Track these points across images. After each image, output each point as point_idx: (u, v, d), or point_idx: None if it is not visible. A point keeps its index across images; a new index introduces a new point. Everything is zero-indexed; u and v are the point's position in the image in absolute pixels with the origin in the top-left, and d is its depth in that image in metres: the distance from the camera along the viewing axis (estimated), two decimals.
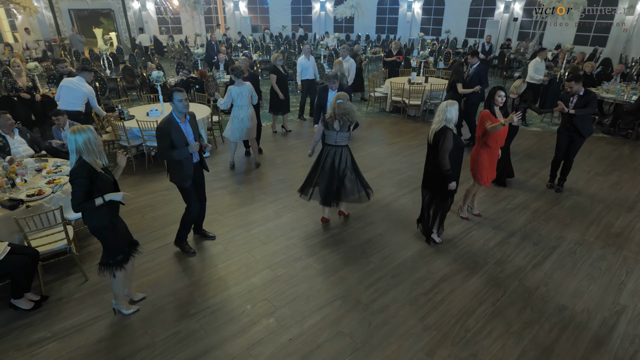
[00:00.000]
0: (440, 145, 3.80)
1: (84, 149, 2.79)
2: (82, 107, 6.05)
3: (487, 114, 4.35)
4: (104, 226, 3.04)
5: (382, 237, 4.46)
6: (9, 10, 15.27)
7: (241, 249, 4.26)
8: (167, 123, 3.67)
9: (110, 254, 3.11)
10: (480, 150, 4.44)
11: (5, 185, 4.02)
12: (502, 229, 4.61)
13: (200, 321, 3.30)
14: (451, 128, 3.74)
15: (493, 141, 4.35)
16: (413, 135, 7.91)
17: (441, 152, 3.79)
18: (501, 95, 4.37)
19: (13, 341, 3.13)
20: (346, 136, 4.26)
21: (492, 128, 4.18)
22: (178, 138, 3.68)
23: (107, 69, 11.06)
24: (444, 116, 3.76)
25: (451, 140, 3.74)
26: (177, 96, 3.63)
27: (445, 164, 3.80)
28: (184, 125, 3.75)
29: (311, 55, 8.42)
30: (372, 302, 3.50)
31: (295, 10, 21.98)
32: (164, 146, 3.67)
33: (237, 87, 5.80)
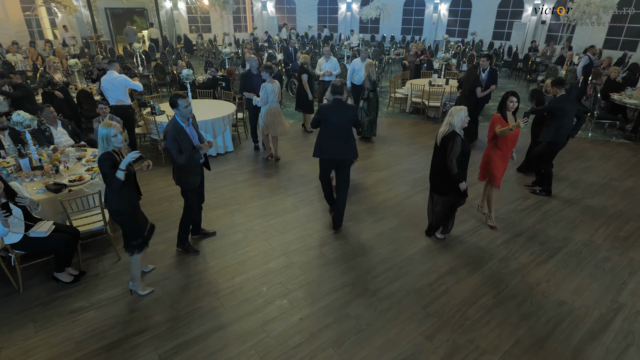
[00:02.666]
0: (448, 150, 3.96)
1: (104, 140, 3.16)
2: (127, 97, 6.44)
3: (498, 117, 4.47)
4: (124, 210, 3.38)
5: (393, 232, 4.68)
6: (50, 8, 16.21)
7: (260, 237, 4.57)
8: (173, 129, 3.71)
9: (130, 237, 3.46)
10: (491, 152, 4.55)
11: (50, 171, 4.46)
12: (511, 228, 4.74)
13: (220, 299, 3.62)
14: (459, 133, 3.90)
15: (504, 144, 4.46)
16: (431, 136, 8.04)
17: (449, 156, 3.94)
18: (513, 100, 4.45)
19: (56, 308, 3.53)
20: None
21: (501, 132, 4.32)
22: (185, 142, 3.76)
23: (140, 66, 11.66)
24: (452, 120, 3.93)
25: (460, 145, 3.89)
26: (183, 103, 3.68)
27: (453, 168, 3.95)
28: (189, 128, 3.82)
29: (331, 57, 8.63)
30: (379, 289, 3.73)
31: (321, 11, 22.27)
32: (175, 152, 3.74)
33: (271, 84, 6.11)
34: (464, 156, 3.97)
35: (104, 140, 3.17)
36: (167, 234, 4.61)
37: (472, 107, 6.95)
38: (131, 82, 6.44)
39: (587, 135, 8.01)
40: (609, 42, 14.45)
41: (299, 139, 7.93)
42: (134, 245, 3.47)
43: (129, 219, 3.41)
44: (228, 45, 17.79)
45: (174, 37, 19.61)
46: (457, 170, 3.95)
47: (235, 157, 7.01)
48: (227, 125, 7.01)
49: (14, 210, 3.35)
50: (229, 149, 7.22)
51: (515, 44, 16.37)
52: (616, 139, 7.71)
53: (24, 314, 3.46)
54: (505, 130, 4.29)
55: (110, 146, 3.21)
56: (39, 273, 3.95)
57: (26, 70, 11.44)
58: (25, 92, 6.57)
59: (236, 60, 15.39)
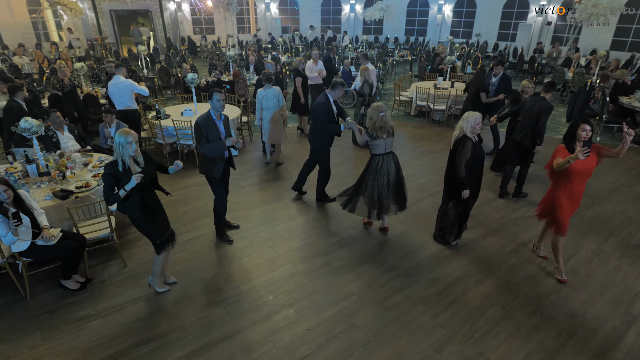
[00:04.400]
0: (457, 153, 3.95)
1: (118, 148, 3.21)
2: (134, 102, 6.46)
3: (561, 149, 3.62)
4: (139, 217, 3.42)
5: (400, 239, 4.64)
6: (55, 11, 16.28)
7: (265, 244, 4.55)
8: (205, 119, 4.09)
9: (153, 238, 3.53)
10: (555, 191, 3.78)
11: (57, 177, 4.46)
12: (519, 236, 4.69)
13: (227, 308, 3.60)
14: (470, 137, 3.87)
15: (567, 180, 3.63)
16: (436, 140, 8.00)
17: (457, 160, 3.92)
18: (586, 129, 3.53)
19: (63, 316, 3.52)
20: (391, 142, 4.35)
21: (558, 166, 3.52)
22: (213, 133, 4.10)
23: (144, 68, 11.68)
24: (463, 124, 3.90)
25: (469, 149, 3.86)
26: (217, 96, 4.06)
27: (460, 172, 3.92)
28: (219, 122, 4.17)
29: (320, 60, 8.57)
30: (386, 299, 3.70)
31: (325, 12, 22.26)
32: (202, 139, 4.09)
33: (264, 90, 6.13)
34: (474, 161, 3.93)
35: (119, 147, 3.19)
36: None
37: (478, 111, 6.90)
38: (137, 86, 6.44)
39: (595, 140, 7.93)
40: (617, 43, 14.33)
41: (296, 142, 7.87)
42: (159, 245, 3.53)
43: (142, 221, 3.44)
44: (232, 47, 17.81)
45: (177, 38, 19.65)
46: (465, 174, 3.92)
47: (239, 161, 6.99)
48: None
49: (24, 219, 3.34)
50: (233, 152, 7.17)
51: (520, 45, 16.27)
52: None
53: (31, 322, 3.46)
54: (562, 163, 3.46)
55: (125, 154, 3.21)
56: (45, 279, 3.94)
57: (32, 73, 11.51)
58: (31, 97, 6.59)
59: (240, 62, 15.40)
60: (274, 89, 6.16)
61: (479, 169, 4.05)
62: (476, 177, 4.08)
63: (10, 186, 3.31)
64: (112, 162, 3.24)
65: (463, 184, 3.97)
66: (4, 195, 3.22)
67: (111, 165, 3.24)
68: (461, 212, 4.26)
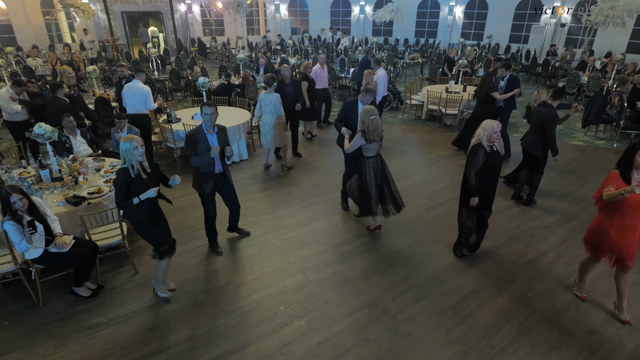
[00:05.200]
0: (468, 160, 3.90)
1: (125, 155, 3.22)
2: (146, 108, 6.47)
3: (614, 176, 3.20)
4: (145, 222, 3.45)
5: (412, 248, 4.57)
6: (68, 13, 16.46)
7: (276, 252, 4.51)
8: (196, 131, 3.97)
9: (157, 245, 3.54)
10: (603, 224, 3.32)
11: (70, 182, 4.47)
12: (535, 247, 4.59)
13: (237, 318, 3.57)
14: (485, 145, 3.79)
15: (619, 213, 3.18)
16: (448, 145, 7.89)
17: (467, 167, 3.91)
18: None
19: (74, 324, 3.52)
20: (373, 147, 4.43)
21: (608, 197, 3.13)
22: (203, 147, 3.93)
23: (155, 70, 11.74)
24: (479, 132, 3.82)
25: (480, 158, 3.80)
26: (206, 110, 3.88)
27: (470, 179, 3.89)
28: (211, 136, 3.98)
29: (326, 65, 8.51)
30: (400, 311, 3.63)
31: (334, 14, 22.21)
32: (190, 153, 3.96)
33: (267, 94, 6.14)
34: (487, 170, 3.85)
35: (126, 154, 3.20)
36: (182, 247, 4.57)
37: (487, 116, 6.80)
38: (151, 101, 6.46)
39: (612, 146, 7.78)
40: (633, 46, 14.05)
41: (311, 147, 7.85)
42: (162, 251, 3.55)
43: (148, 229, 3.46)
44: (241, 48, 17.83)
45: (188, 40, 19.74)
46: (474, 182, 3.87)
47: (249, 165, 6.98)
48: (242, 133, 6.98)
49: (38, 227, 3.35)
50: (243, 157, 7.19)
51: (533, 48, 16.05)
52: None
53: (44, 329, 3.46)
54: (615, 195, 3.06)
55: (133, 160, 3.23)
56: (57, 286, 3.95)
57: (45, 75, 11.63)
58: (43, 101, 6.63)
59: (249, 64, 15.41)
60: (273, 95, 6.14)
61: (493, 179, 3.97)
62: (491, 187, 4.00)
63: (25, 194, 3.31)
64: (124, 168, 3.24)
65: (472, 191, 3.92)
66: (20, 204, 3.23)
67: (123, 172, 3.24)
68: (477, 224, 4.17)
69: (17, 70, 11.11)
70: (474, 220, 4.18)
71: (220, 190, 4.33)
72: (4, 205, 3.24)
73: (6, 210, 3.25)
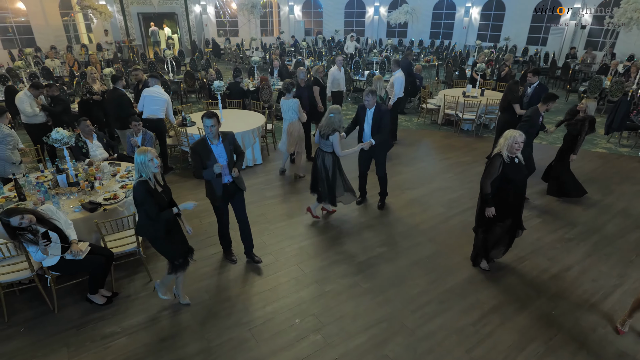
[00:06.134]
0: (485, 169, 3.80)
1: (139, 169, 3.13)
2: (163, 114, 6.47)
3: None
4: (160, 236, 3.37)
5: (430, 260, 4.45)
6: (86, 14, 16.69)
7: (291, 261, 4.44)
8: (198, 144, 3.81)
9: (172, 258, 3.46)
10: None
11: (86, 188, 4.47)
12: (558, 261, 4.43)
13: (252, 330, 3.50)
14: (505, 156, 3.65)
15: None
16: (465, 151, 7.73)
17: (483, 175, 3.81)
18: None
19: (89, 332, 3.50)
20: (328, 144, 4.73)
21: None
22: (207, 159, 3.78)
23: (170, 72, 11.78)
24: (502, 141, 3.69)
25: (497, 168, 3.68)
26: (207, 122, 3.68)
27: (485, 188, 3.79)
28: (215, 147, 3.81)
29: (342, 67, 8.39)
30: (418, 327, 3.52)
31: (348, 15, 22.08)
32: (195, 165, 3.85)
33: (285, 100, 6.11)
34: (505, 182, 3.71)
35: (142, 166, 3.13)
36: (196, 254, 4.45)
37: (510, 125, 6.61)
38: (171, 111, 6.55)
39: (636, 154, 7.52)
40: None
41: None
42: (176, 266, 3.46)
43: (163, 241, 3.39)
44: (255, 49, 17.84)
45: (202, 41, 19.84)
46: (490, 192, 3.76)
47: (264, 170, 6.92)
48: (257, 137, 6.93)
49: (52, 236, 3.33)
50: (257, 161, 7.14)
51: (552, 50, 15.70)
52: None
53: (58, 337, 3.45)
54: None
55: (149, 172, 3.16)
56: (73, 292, 3.95)
57: (63, 76, 11.78)
58: (64, 107, 6.70)
59: (263, 66, 15.39)
60: (292, 100, 6.07)
61: (512, 192, 3.80)
62: (510, 200, 3.83)
63: (25, 210, 3.18)
64: (143, 181, 3.17)
65: (486, 200, 3.80)
66: (25, 222, 3.14)
67: (143, 184, 3.15)
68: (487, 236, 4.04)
69: (36, 72, 11.27)
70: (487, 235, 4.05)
71: (232, 200, 4.16)
72: (12, 230, 3.15)
73: (14, 233, 3.15)
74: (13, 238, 3.19)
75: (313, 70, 7.57)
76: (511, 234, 4.03)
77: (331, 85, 8.22)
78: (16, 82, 10.14)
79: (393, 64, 7.99)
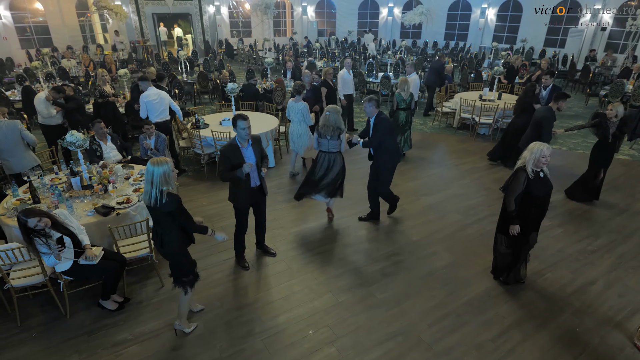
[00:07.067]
0: (507, 183, 3.65)
1: (162, 181, 2.89)
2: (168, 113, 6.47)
3: None
4: (184, 252, 3.26)
5: (448, 270, 4.32)
6: (102, 15, 16.88)
7: (304, 269, 4.35)
8: (228, 147, 3.83)
9: (185, 274, 3.29)
10: None
11: (99, 191, 4.45)
12: (582, 274, 4.26)
13: (265, 341, 3.43)
14: (529, 170, 3.49)
15: None
16: (482, 156, 7.55)
17: (507, 191, 3.65)
18: None
19: (100, 339, 3.46)
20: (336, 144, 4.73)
21: None
22: (237, 162, 3.79)
23: (184, 73, 11.82)
24: (526, 154, 3.53)
25: (520, 184, 3.52)
26: (241, 124, 3.71)
27: (509, 205, 3.62)
28: (245, 149, 3.85)
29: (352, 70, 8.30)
30: (436, 342, 3.41)
31: (362, 15, 21.95)
32: (223, 168, 3.83)
33: (294, 103, 6.06)
34: (528, 198, 3.55)
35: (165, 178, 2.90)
36: (208, 260, 4.49)
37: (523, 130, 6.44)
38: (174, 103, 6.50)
39: None
40: None
41: None
42: (185, 282, 3.30)
43: (183, 256, 3.28)
44: (268, 50, 17.83)
45: (215, 41, 19.91)
46: (514, 208, 3.60)
47: (276, 173, 6.85)
48: (270, 140, 6.86)
49: (66, 242, 3.30)
50: (270, 164, 7.07)
51: (570, 52, 15.34)
52: None
53: (70, 343, 3.42)
54: None
55: (172, 183, 3.00)
56: (85, 297, 3.92)
57: (79, 76, 11.91)
58: (77, 104, 6.73)
59: (276, 67, 15.35)
60: (300, 104, 6.01)
61: (534, 207, 3.62)
62: (531, 215, 3.66)
63: (42, 213, 3.17)
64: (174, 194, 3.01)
65: (511, 217, 3.64)
66: (41, 225, 3.12)
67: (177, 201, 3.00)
68: (513, 254, 3.88)
69: (52, 72, 11.40)
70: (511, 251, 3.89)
71: (255, 204, 4.20)
72: (27, 232, 3.12)
73: (30, 234, 3.12)
74: (26, 239, 3.16)
75: (322, 72, 7.51)
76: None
77: (342, 88, 8.14)
78: (33, 82, 10.26)
79: (409, 66, 7.86)
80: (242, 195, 3.98)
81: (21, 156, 5.21)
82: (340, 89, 8.12)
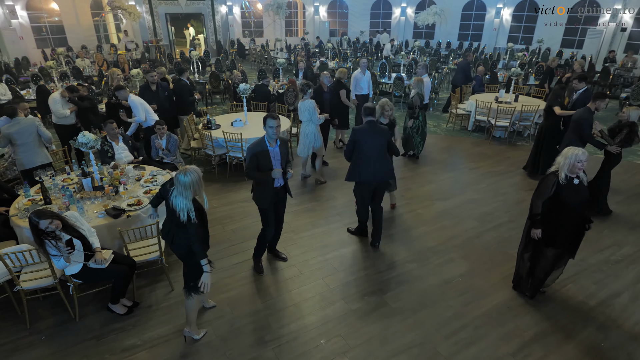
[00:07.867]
0: (537, 186, 3.52)
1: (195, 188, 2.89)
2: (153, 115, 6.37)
3: None
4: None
5: (464, 279, 4.18)
6: (116, 14, 17.03)
7: (316, 275, 4.25)
8: (257, 146, 3.82)
9: (191, 278, 3.18)
10: None
11: (110, 192, 4.41)
12: (605, 286, 4.08)
13: (275, 350, 3.33)
14: (562, 175, 3.32)
15: None
16: (498, 159, 7.36)
17: (534, 193, 3.52)
18: None
19: (109, 344, 3.41)
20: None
21: None
22: (264, 162, 3.81)
23: (196, 72, 11.81)
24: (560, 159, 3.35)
25: (549, 188, 3.37)
26: (271, 122, 3.74)
27: (534, 208, 3.50)
28: (273, 149, 3.85)
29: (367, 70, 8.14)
30: (453, 355, 3.28)
31: (374, 15, 21.77)
32: (250, 167, 3.82)
33: (302, 102, 5.99)
34: (558, 204, 3.39)
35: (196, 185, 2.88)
36: (219, 263, 4.40)
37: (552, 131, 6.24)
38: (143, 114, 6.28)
39: None
40: None
41: (334, 158, 7.48)
42: (192, 287, 3.21)
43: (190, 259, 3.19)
44: (280, 50, 17.77)
45: (227, 41, 19.94)
46: (539, 212, 3.47)
47: None
48: None
49: (76, 244, 3.25)
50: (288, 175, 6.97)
51: (588, 54, 14.97)
52: None
53: (79, 347, 3.37)
54: None
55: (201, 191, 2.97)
56: (94, 300, 3.88)
57: (92, 76, 11.99)
58: (91, 104, 6.74)
59: (288, 67, 15.28)
60: (308, 102, 5.91)
61: (564, 215, 3.43)
62: (561, 225, 3.48)
63: (54, 215, 3.14)
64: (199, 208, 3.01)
65: (534, 221, 3.51)
66: (52, 227, 3.09)
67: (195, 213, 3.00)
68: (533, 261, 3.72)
69: (66, 71, 11.50)
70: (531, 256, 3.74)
71: (276, 204, 4.14)
72: (38, 233, 3.09)
73: (40, 236, 3.10)
74: (37, 241, 3.13)
75: (337, 73, 7.39)
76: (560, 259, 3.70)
77: (354, 89, 8.00)
78: (47, 82, 10.35)
79: (421, 67, 7.73)
80: (265, 194, 3.96)
81: (33, 152, 5.20)
82: (352, 90, 7.99)
